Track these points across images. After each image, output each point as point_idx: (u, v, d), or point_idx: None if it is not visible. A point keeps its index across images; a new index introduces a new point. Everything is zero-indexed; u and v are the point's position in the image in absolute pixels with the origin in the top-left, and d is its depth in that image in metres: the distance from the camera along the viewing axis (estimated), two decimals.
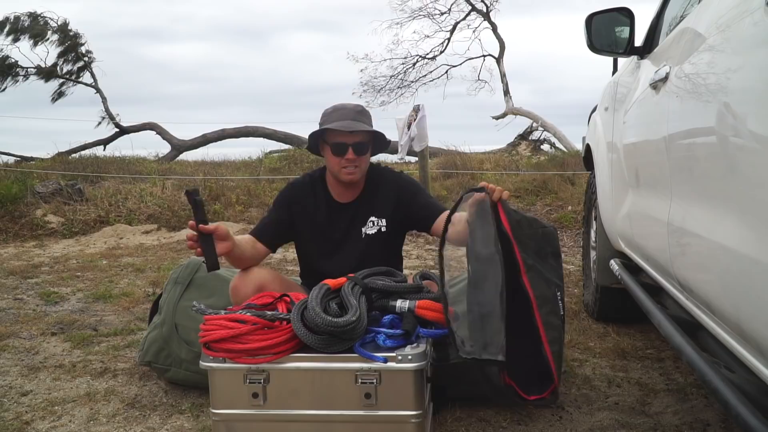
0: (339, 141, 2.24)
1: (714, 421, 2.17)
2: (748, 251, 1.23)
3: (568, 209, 7.13)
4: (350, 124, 2.23)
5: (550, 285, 1.78)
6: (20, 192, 7.52)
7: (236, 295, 2.17)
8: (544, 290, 1.77)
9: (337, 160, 2.26)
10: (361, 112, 2.31)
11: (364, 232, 2.35)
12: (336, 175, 2.30)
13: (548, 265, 1.81)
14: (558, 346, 1.74)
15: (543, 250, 1.82)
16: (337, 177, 2.30)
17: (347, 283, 1.99)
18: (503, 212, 1.83)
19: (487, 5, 18.28)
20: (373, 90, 19.60)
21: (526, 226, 1.84)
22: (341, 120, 2.24)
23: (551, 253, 1.84)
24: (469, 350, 1.68)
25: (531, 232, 1.83)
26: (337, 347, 1.83)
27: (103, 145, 16.97)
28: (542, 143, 15.85)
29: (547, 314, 1.75)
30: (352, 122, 2.24)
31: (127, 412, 2.36)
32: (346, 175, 2.26)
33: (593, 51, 2.65)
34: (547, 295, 1.77)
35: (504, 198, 1.87)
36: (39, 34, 17.24)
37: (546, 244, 1.84)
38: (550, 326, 1.74)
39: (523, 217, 1.87)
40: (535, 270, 1.77)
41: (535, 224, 1.87)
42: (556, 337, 1.74)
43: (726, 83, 1.39)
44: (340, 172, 2.27)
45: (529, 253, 1.79)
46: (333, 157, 2.26)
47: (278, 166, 10.88)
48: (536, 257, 1.80)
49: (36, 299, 4.13)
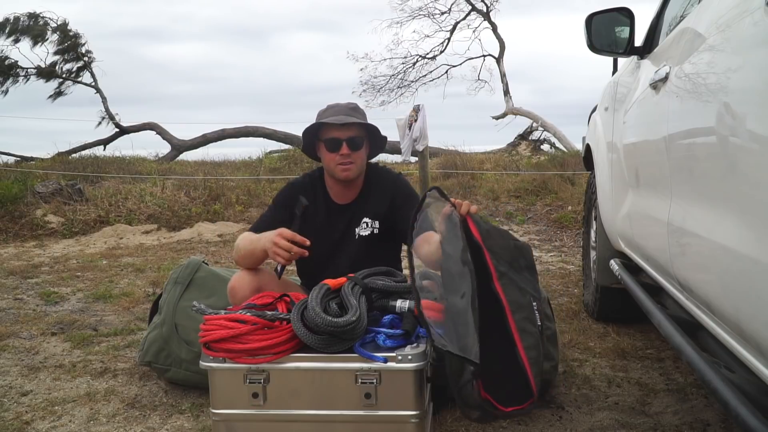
0: (332, 136, 2.23)
1: (714, 421, 2.17)
2: (748, 251, 1.23)
3: (568, 209, 7.13)
4: (343, 118, 2.22)
5: (524, 293, 1.73)
6: (20, 192, 7.52)
7: (234, 296, 2.17)
8: (518, 297, 1.72)
9: (332, 156, 2.24)
10: (354, 109, 2.30)
11: (358, 233, 2.34)
12: (332, 173, 2.29)
13: (523, 277, 1.77)
14: (535, 353, 1.67)
15: (516, 262, 1.78)
16: (333, 175, 2.29)
17: (347, 283, 1.99)
18: (472, 223, 1.82)
19: (487, 5, 18.28)
20: (373, 89, 19.61)
21: (497, 236, 1.81)
22: (334, 116, 2.24)
23: (525, 266, 1.80)
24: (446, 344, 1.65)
25: (503, 243, 1.80)
26: (337, 347, 1.83)
27: (103, 145, 16.97)
28: (542, 143, 15.85)
29: (522, 320, 1.69)
30: (344, 116, 2.23)
31: (127, 412, 2.36)
32: (341, 171, 2.24)
33: (593, 51, 2.65)
34: (522, 302, 1.71)
35: (472, 211, 1.86)
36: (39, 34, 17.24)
37: (519, 256, 1.80)
38: (526, 332, 1.68)
39: (493, 227, 1.86)
40: (507, 277, 1.74)
41: (507, 236, 1.85)
42: (532, 343, 1.67)
43: (726, 83, 1.39)
44: (335, 169, 2.26)
45: (501, 262, 1.76)
46: (328, 154, 2.25)
47: (278, 166, 10.89)
48: (509, 267, 1.76)
49: (36, 299, 4.13)
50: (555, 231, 6.56)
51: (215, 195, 8.11)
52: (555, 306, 3.56)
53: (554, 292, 4.03)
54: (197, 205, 7.75)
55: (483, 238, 1.78)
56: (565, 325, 3.26)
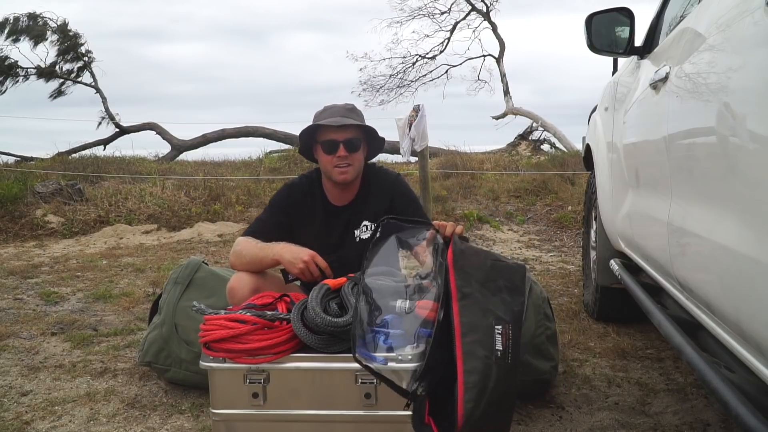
0: (329, 138, 2.22)
1: (714, 421, 2.17)
2: (748, 251, 1.23)
3: (568, 209, 7.13)
4: (340, 120, 2.21)
5: (486, 315, 1.62)
6: (20, 192, 7.52)
7: (233, 297, 2.17)
8: (476, 319, 1.61)
9: (329, 159, 2.23)
10: (351, 110, 2.29)
11: (358, 236, 2.33)
12: (329, 175, 2.28)
13: (498, 298, 1.66)
14: (476, 378, 1.52)
15: (492, 282, 1.68)
16: (330, 177, 2.28)
17: (347, 283, 1.99)
18: (451, 243, 1.76)
19: (487, 5, 18.28)
20: (372, 89, 19.60)
21: (471, 255, 1.72)
22: (331, 117, 2.23)
23: (506, 287, 1.68)
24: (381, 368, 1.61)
25: (477, 262, 1.70)
26: (337, 347, 1.83)
27: (103, 145, 16.96)
28: (542, 143, 15.85)
29: (471, 343, 1.57)
30: (341, 118, 2.22)
31: (127, 412, 2.36)
32: (338, 174, 2.24)
33: (593, 51, 2.65)
34: (477, 324, 1.60)
35: (457, 233, 1.83)
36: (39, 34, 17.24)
37: (497, 276, 1.69)
38: (471, 355, 1.55)
39: (470, 247, 1.76)
40: (471, 298, 1.64)
41: (485, 255, 1.74)
42: (476, 367, 1.54)
43: (726, 83, 1.39)
44: (332, 172, 2.25)
45: (469, 281, 1.66)
46: (325, 156, 2.24)
47: (278, 166, 10.89)
48: (480, 287, 1.66)
49: (36, 299, 4.13)
50: (555, 231, 6.56)
51: (215, 195, 8.11)
52: (555, 306, 3.56)
53: (554, 292, 4.03)
54: (197, 205, 7.75)
55: (454, 258, 1.70)
56: (565, 325, 3.26)
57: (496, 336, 1.59)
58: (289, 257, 2.11)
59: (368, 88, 19.56)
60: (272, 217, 2.34)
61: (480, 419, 1.49)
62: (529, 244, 6.05)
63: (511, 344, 1.60)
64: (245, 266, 2.19)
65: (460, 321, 1.60)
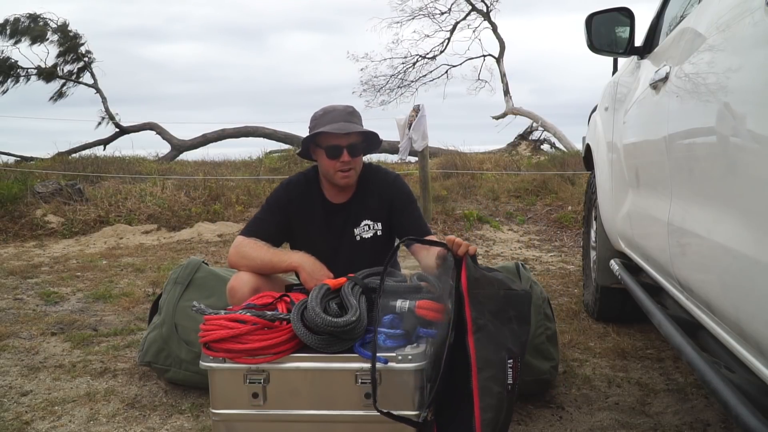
0: (333, 144, 2.22)
1: (714, 421, 2.17)
2: (748, 251, 1.23)
3: (568, 209, 7.13)
4: (344, 126, 2.21)
5: (499, 349, 1.66)
6: (20, 192, 7.52)
7: (233, 297, 2.17)
8: (489, 354, 1.65)
9: (332, 164, 2.24)
10: (352, 113, 2.29)
11: (360, 235, 2.33)
12: (331, 178, 2.28)
13: (507, 329, 1.69)
14: (492, 415, 1.61)
15: (504, 313, 1.70)
16: (331, 180, 2.29)
17: (347, 283, 1.99)
18: (465, 268, 1.73)
19: (487, 5, 18.28)
20: (373, 89, 19.60)
21: (485, 284, 1.72)
22: (333, 122, 2.22)
23: (515, 317, 1.72)
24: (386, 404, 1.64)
25: (491, 292, 1.72)
26: (337, 347, 1.83)
27: (103, 145, 16.97)
28: (542, 143, 15.85)
29: (486, 379, 1.63)
30: (345, 124, 2.22)
31: (127, 412, 2.36)
32: (341, 178, 2.25)
33: (593, 51, 2.65)
34: (492, 359, 1.65)
35: (470, 253, 1.79)
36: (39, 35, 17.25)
37: (508, 306, 1.72)
38: (487, 392, 1.62)
39: (484, 275, 1.75)
40: (485, 331, 1.66)
41: (498, 285, 1.75)
42: (491, 404, 1.61)
43: (726, 83, 1.39)
44: (335, 176, 2.25)
45: (483, 312, 1.68)
46: (328, 161, 2.24)
47: (278, 166, 10.88)
48: (493, 318, 1.68)
49: (36, 299, 4.13)
50: (555, 231, 6.56)
51: (215, 195, 8.11)
52: (555, 306, 3.56)
53: (554, 292, 4.03)
54: (197, 205, 7.75)
55: (469, 287, 1.70)
56: (565, 325, 3.26)
57: (507, 371, 1.65)
58: (309, 270, 2.15)
59: (369, 88, 19.58)
60: (271, 216, 2.34)
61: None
62: (529, 244, 6.05)
63: (519, 375, 1.68)
64: (253, 268, 2.20)
65: (476, 356, 1.64)
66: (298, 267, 2.16)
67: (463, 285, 1.70)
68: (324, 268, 2.16)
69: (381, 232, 2.34)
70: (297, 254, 2.21)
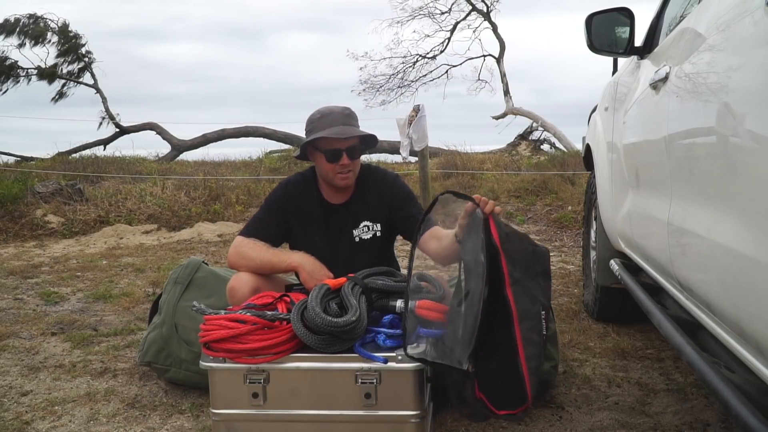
0: (333, 147, 2.22)
1: (714, 421, 2.17)
2: (748, 251, 1.23)
3: (568, 209, 7.13)
4: (344, 130, 2.22)
5: (534, 302, 1.73)
6: (20, 192, 7.52)
7: (233, 297, 2.17)
8: (528, 306, 1.72)
9: (331, 167, 2.24)
10: (349, 115, 2.29)
11: (358, 236, 2.34)
12: (330, 181, 2.29)
13: (536, 284, 1.77)
14: (536, 363, 1.69)
15: (532, 268, 1.78)
16: (330, 182, 2.30)
17: (347, 283, 1.99)
18: (494, 224, 1.78)
19: (487, 5, 18.27)
20: (372, 89, 19.59)
21: (515, 240, 1.79)
22: (332, 126, 2.22)
23: (540, 272, 1.79)
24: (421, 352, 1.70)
25: (521, 248, 1.78)
26: (337, 347, 1.83)
27: (103, 145, 16.97)
28: (542, 143, 15.84)
29: (528, 329, 1.70)
30: (344, 128, 2.22)
31: (127, 412, 2.36)
32: (340, 180, 2.26)
33: (593, 51, 2.65)
34: (531, 311, 1.72)
35: (496, 212, 1.82)
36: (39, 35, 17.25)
37: (536, 262, 1.80)
38: (530, 342, 1.69)
39: (513, 231, 1.83)
40: (521, 284, 1.73)
41: (526, 241, 1.83)
42: (534, 353, 1.69)
43: (726, 83, 1.39)
44: (334, 178, 2.26)
45: (516, 267, 1.74)
46: (327, 164, 2.25)
47: (278, 166, 10.89)
48: (524, 273, 1.75)
49: (36, 299, 4.13)
50: (555, 231, 6.56)
51: (215, 195, 8.11)
52: (555, 306, 3.56)
53: (554, 292, 4.03)
54: (197, 205, 7.75)
55: (501, 242, 1.75)
56: (565, 325, 3.26)
57: (542, 321, 1.74)
58: (309, 269, 2.15)
59: (368, 87, 19.57)
60: (270, 216, 2.34)
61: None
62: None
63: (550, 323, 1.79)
64: (252, 268, 2.20)
65: (516, 308, 1.70)
66: (298, 267, 2.16)
67: (496, 240, 1.75)
68: (324, 268, 2.16)
69: (380, 233, 2.35)
70: (297, 254, 2.21)
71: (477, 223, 1.81)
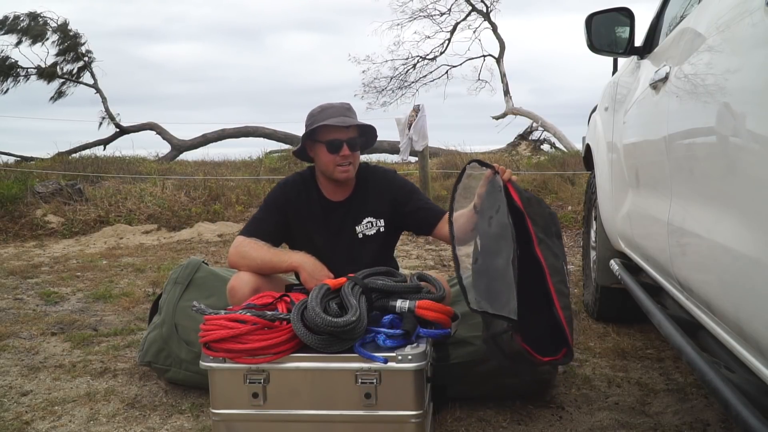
0: (333, 138, 2.24)
1: (714, 421, 2.17)
2: (748, 251, 1.23)
3: (568, 209, 7.13)
4: (345, 119, 2.23)
5: (558, 258, 1.89)
6: (20, 192, 7.52)
7: (233, 296, 2.17)
8: (554, 262, 1.87)
9: (332, 158, 2.25)
10: (349, 109, 2.31)
11: (361, 232, 2.34)
12: (330, 174, 2.29)
13: (554, 243, 1.92)
14: (569, 312, 1.83)
15: (549, 229, 1.93)
16: (331, 176, 2.30)
17: (347, 283, 1.99)
18: (513, 190, 1.92)
19: (487, 5, 18.29)
20: (374, 91, 19.62)
21: (535, 204, 1.95)
22: (333, 117, 2.24)
23: (555, 232, 1.95)
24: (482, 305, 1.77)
25: (540, 210, 1.94)
26: (337, 347, 1.83)
27: (103, 145, 16.98)
28: (542, 143, 15.86)
29: (558, 283, 1.84)
30: (345, 118, 2.24)
31: (127, 412, 2.36)
32: (341, 173, 2.26)
33: (593, 51, 2.65)
34: (557, 266, 1.87)
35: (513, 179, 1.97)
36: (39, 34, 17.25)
37: (552, 223, 1.95)
38: (562, 294, 1.83)
39: (532, 195, 1.99)
40: (545, 244, 1.88)
41: (543, 204, 1.99)
42: (567, 303, 1.83)
43: (726, 83, 1.39)
44: (334, 171, 2.27)
45: (539, 228, 1.89)
46: (327, 155, 2.26)
47: (278, 166, 10.90)
48: (545, 233, 1.90)
49: (36, 299, 4.13)
50: None
51: (215, 195, 8.11)
52: None
53: None
54: (197, 205, 7.76)
55: (524, 205, 1.90)
56: None
57: (566, 276, 1.89)
58: (310, 270, 2.16)
59: (371, 90, 19.60)
60: (270, 216, 2.35)
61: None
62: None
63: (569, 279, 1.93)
64: (253, 268, 2.21)
65: (546, 263, 1.84)
66: (299, 267, 2.16)
67: (519, 204, 1.90)
68: (324, 269, 2.16)
69: (384, 228, 2.36)
70: (297, 254, 2.21)
71: (497, 189, 1.92)
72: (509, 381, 2.27)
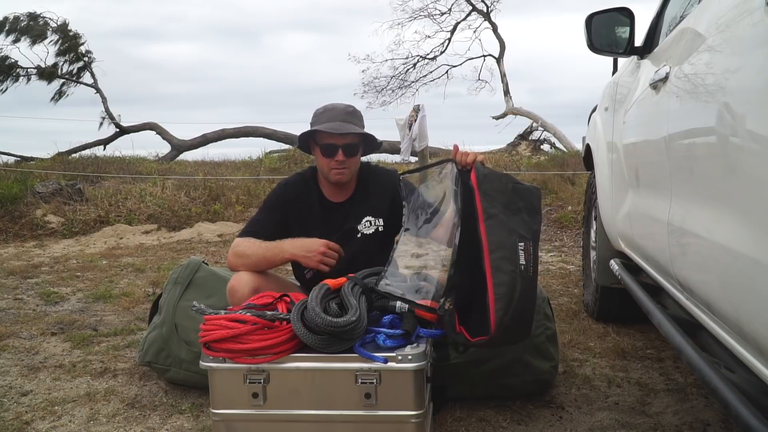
0: (329, 143, 2.25)
1: (714, 421, 2.17)
2: (748, 251, 1.23)
3: (568, 209, 7.13)
4: (340, 126, 2.24)
5: (511, 234, 1.78)
6: (20, 192, 7.52)
7: (233, 296, 2.17)
8: (502, 237, 1.77)
9: (326, 161, 2.28)
10: (351, 113, 2.31)
11: (361, 231, 2.36)
12: (326, 175, 2.32)
13: (518, 218, 1.83)
14: (504, 290, 1.72)
15: (513, 204, 1.84)
16: (327, 177, 2.33)
17: (347, 283, 1.99)
18: (474, 170, 1.88)
19: (487, 5, 18.30)
20: (374, 90, 19.62)
21: (494, 179, 1.87)
22: (331, 121, 2.25)
23: (525, 207, 1.86)
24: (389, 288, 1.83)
25: (500, 186, 1.87)
26: (337, 347, 1.83)
27: (103, 145, 16.98)
28: (542, 143, 15.86)
29: (498, 259, 1.75)
30: (341, 124, 2.25)
31: (127, 412, 2.36)
32: (335, 175, 2.29)
33: (593, 51, 2.65)
34: (504, 242, 1.77)
35: (479, 161, 1.92)
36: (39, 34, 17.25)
37: (517, 198, 1.86)
38: (499, 270, 1.73)
39: (493, 172, 1.91)
40: (496, 219, 1.79)
41: (507, 179, 1.90)
42: (504, 281, 1.72)
43: (726, 83, 1.39)
44: (329, 173, 2.30)
45: (494, 204, 1.82)
46: (323, 158, 2.28)
47: (278, 166, 10.90)
48: (504, 209, 1.82)
49: (36, 299, 4.13)
50: (555, 231, 6.56)
51: (215, 195, 8.11)
52: (555, 306, 3.56)
53: (554, 292, 4.03)
54: (197, 205, 7.75)
55: (479, 183, 1.85)
56: (565, 325, 3.26)
57: (519, 252, 1.77)
58: (303, 252, 2.17)
59: (370, 89, 19.60)
60: (269, 216, 2.35)
61: (508, 326, 1.73)
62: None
63: (532, 259, 1.78)
64: (251, 267, 2.21)
65: (487, 239, 1.77)
66: (293, 256, 2.19)
67: (473, 181, 1.85)
68: (315, 240, 2.19)
69: (382, 228, 2.36)
70: (285, 243, 2.22)
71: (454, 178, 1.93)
72: (509, 381, 2.27)
